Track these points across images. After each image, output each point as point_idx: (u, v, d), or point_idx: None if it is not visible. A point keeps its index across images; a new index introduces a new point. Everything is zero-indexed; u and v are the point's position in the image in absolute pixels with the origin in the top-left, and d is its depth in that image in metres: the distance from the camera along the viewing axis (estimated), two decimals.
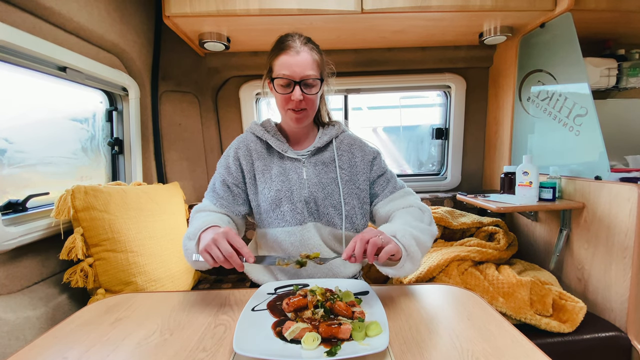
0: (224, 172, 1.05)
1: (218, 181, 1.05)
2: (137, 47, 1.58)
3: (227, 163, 1.06)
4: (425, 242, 0.88)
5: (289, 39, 0.97)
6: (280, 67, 0.95)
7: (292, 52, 0.94)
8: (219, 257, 0.73)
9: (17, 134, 1.15)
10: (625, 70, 1.70)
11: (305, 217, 1.01)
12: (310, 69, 0.95)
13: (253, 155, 1.05)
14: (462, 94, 2.05)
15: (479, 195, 1.68)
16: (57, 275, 1.18)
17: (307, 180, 1.02)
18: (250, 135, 1.08)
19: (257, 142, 1.07)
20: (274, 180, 1.02)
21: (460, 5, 1.44)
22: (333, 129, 1.09)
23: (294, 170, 1.03)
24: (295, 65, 0.93)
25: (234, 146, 1.07)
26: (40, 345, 0.65)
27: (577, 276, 1.45)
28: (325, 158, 1.06)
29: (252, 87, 1.96)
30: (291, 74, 0.94)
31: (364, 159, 1.07)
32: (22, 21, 1.04)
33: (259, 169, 1.04)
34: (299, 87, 0.94)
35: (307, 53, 0.96)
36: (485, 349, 0.60)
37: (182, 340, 0.65)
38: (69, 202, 1.12)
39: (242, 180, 1.05)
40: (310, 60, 0.96)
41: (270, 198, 1.01)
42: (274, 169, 1.04)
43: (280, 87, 0.96)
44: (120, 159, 1.65)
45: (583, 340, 1.21)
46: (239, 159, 1.05)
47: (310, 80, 0.95)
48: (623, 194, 1.23)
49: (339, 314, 0.67)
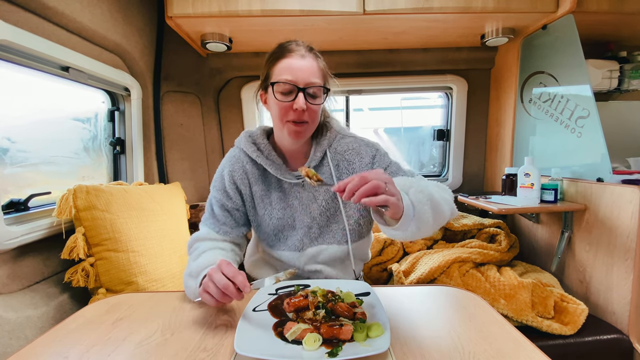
0: (222, 196, 0.98)
1: (217, 206, 0.98)
2: (139, 47, 1.58)
3: (223, 187, 0.98)
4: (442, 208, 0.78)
5: (291, 43, 0.90)
6: (282, 72, 0.86)
7: (296, 56, 0.86)
8: (217, 293, 0.68)
9: (20, 133, 1.15)
10: (627, 72, 1.70)
11: (305, 244, 0.98)
12: (315, 76, 0.87)
13: (250, 179, 0.97)
14: (463, 96, 2.05)
15: (480, 197, 1.67)
16: (59, 275, 1.19)
17: (308, 204, 0.97)
18: (244, 154, 0.99)
19: (251, 164, 0.98)
20: (274, 207, 0.97)
21: (462, 6, 1.44)
22: (325, 139, 0.99)
23: (294, 195, 0.97)
24: (300, 70, 0.85)
25: (228, 168, 0.98)
26: (41, 344, 0.65)
27: (578, 278, 1.45)
28: (324, 175, 0.97)
29: (253, 87, 1.96)
30: (295, 79, 0.84)
31: (362, 161, 0.98)
32: (25, 21, 1.04)
33: (258, 194, 0.98)
34: (303, 94, 0.85)
35: (313, 59, 0.89)
36: (486, 351, 0.60)
37: (183, 340, 0.65)
38: (71, 201, 1.12)
39: (242, 204, 0.99)
40: (316, 67, 0.88)
41: (272, 225, 0.98)
42: (274, 194, 0.97)
43: (281, 94, 0.86)
44: (122, 159, 1.66)
45: (584, 343, 1.20)
46: (235, 182, 0.97)
47: (315, 88, 0.86)
48: (625, 196, 1.23)
49: (340, 314, 0.67)
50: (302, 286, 0.82)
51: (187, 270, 0.85)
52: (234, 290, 0.67)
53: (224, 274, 0.68)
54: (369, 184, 0.63)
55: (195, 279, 0.79)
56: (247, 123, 2.02)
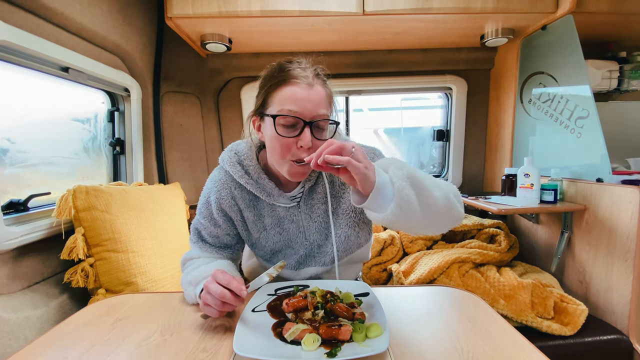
0: (209, 224, 0.90)
1: (205, 233, 0.91)
2: (139, 48, 1.58)
3: (210, 214, 0.89)
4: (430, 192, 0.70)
5: (295, 67, 0.77)
6: (285, 102, 0.74)
7: (303, 84, 0.75)
8: (216, 304, 0.67)
9: (19, 133, 1.15)
10: (626, 72, 1.70)
11: (301, 264, 0.93)
12: (323, 107, 0.76)
13: (240, 205, 0.88)
14: (463, 96, 2.05)
15: (480, 197, 1.67)
16: (58, 275, 1.19)
17: (306, 227, 0.90)
18: (230, 178, 0.88)
19: (240, 189, 0.88)
20: (269, 232, 0.90)
21: (461, 7, 1.44)
22: None
23: (289, 218, 0.89)
24: (307, 101, 0.74)
25: (215, 194, 0.88)
26: (40, 345, 0.65)
27: (578, 279, 1.45)
28: (319, 195, 0.89)
29: (253, 88, 1.96)
30: (301, 112, 0.74)
31: None
32: (25, 21, 1.04)
33: (250, 219, 0.89)
34: (310, 129, 0.74)
35: (321, 87, 0.78)
36: (486, 351, 0.60)
37: (182, 341, 0.65)
38: (71, 202, 1.12)
39: (233, 228, 0.92)
40: (324, 96, 0.77)
41: (269, 248, 0.92)
42: (267, 218, 0.89)
43: (284, 128, 0.75)
44: (122, 159, 1.66)
45: (584, 343, 1.20)
46: (224, 209, 0.88)
47: (323, 122, 0.77)
48: (625, 197, 1.23)
49: (339, 315, 0.67)
50: (301, 286, 0.82)
51: (185, 278, 0.81)
52: (231, 297, 0.66)
53: (218, 283, 0.67)
54: (334, 145, 0.62)
55: (194, 287, 0.77)
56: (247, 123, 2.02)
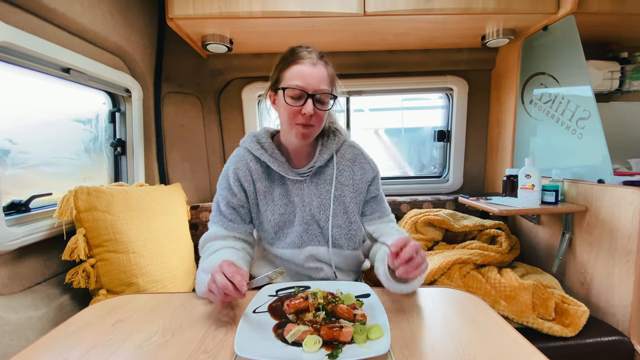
0: (227, 194, 1.01)
1: (223, 204, 1.02)
2: (140, 48, 1.58)
3: (228, 184, 1.01)
4: None
5: (303, 50, 0.94)
6: (293, 78, 0.90)
7: (308, 63, 0.91)
8: (219, 293, 0.71)
9: (21, 134, 1.15)
10: (628, 73, 1.70)
11: (304, 241, 1.01)
12: (324, 83, 0.92)
13: (254, 176, 1.01)
14: (464, 97, 2.05)
15: (480, 198, 1.67)
16: (59, 276, 1.19)
17: (309, 202, 1.01)
18: (248, 153, 1.03)
19: (256, 162, 1.02)
20: (276, 204, 1.01)
21: (462, 7, 1.44)
22: (333, 142, 1.04)
23: (296, 192, 1.01)
24: (310, 77, 0.90)
25: (233, 166, 1.02)
26: (41, 345, 0.65)
27: (579, 280, 1.44)
28: (326, 176, 1.03)
29: (254, 88, 1.96)
30: (305, 86, 0.89)
31: (363, 178, 1.04)
32: (26, 22, 1.04)
33: (261, 191, 1.01)
34: (312, 100, 0.90)
35: (323, 67, 0.93)
36: (487, 353, 0.60)
37: (183, 342, 0.65)
38: (72, 202, 1.12)
39: (247, 201, 1.03)
40: (326, 75, 0.93)
41: (274, 221, 1.01)
42: (276, 190, 1.01)
43: (291, 99, 0.91)
44: (123, 160, 1.66)
45: (585, 345, 1.20)
46: (239, 180, 1.01)
47: (324, 95, 0.92)
48: (626, 198, 1.23)
49: (341, 316, 0.67)
50: (302, 288, 0.82)
51: (200, 266, 0.89)
52: (233, 290, 0.70)
53: (224, 274, 0.71)
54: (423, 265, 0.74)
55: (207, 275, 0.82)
56: (248, 124, 2.02)
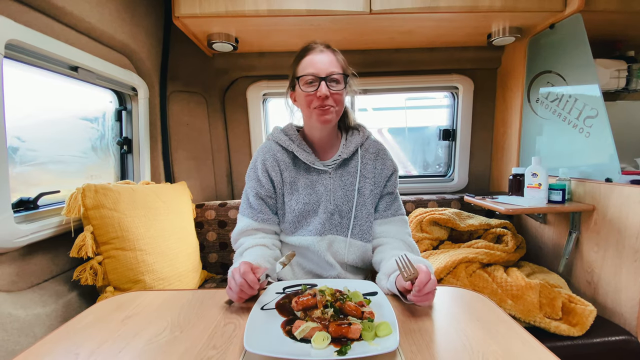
0: (256, 185, 1.06)
1: (251, 195, 1.06)
2: (146, 47, 1.59)
3: (256, 176, 1.06)
4: None
5: (310, 43, 1.02)
6: (305, 67, 0.97)
7: (316, 52, 0.99)
8: (235, 290, 0.77)
9: (29, 132, 1.16)
10: (635, 71, 1.68)
11: (326, 229, 1.03)
12: (334, 66, 0.98)
13: (281, 166, 1.06)
14: (469, 95, 2.04)
15: (486, 197, 1.66)
16: (67, 273, 1.20)
17: (333, 192, 1.04)
18: (275, 144, 1.08)
19: (283, 153, 1.07)
20: (301, 193, 1.04)
21: (468, 5, 1.43)
22: (358, 136, 1.09)
23: (320, 182, 1.05)
24: (320, 62, 0.96)
25: (261, 157, 1.07)
26: (52, 341, 0.66)
27: (586, 279, 1.43)
28: (351, 168, 1.07)
29: (259, 87, 1.97)
30: (316, 71, 0.96)
31: (383, 172, 1.09)
32: (35, 21, 1.05)
33: (287, 180, 1.05)
34: (325, 82, 0.95)
35: (331, 52, 1.00)
36: (496, 351, 0.59)
37: (192, 338, 0.66)
38: (80, 200, 1.13)
39: (274, 191, 1.07)
40: (334, 59, 0.99)
41: (298, 210, 1.04)
42: (301, 180, 1.05)
43: (306, 85, 0.97)
44: (129, 158, 1.67)
45: (593, 344, 1.19)
46: (267, 170, 1.05)
47: (335, 75, 0.97)
48: (634, 197, 1.22)
49: (349, 314, 0.67)
50: (309, 285, 0.82)
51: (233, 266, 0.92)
52: (248, 287, 0.76)
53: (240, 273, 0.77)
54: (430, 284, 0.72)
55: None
56: (253, 122, 2.03)
